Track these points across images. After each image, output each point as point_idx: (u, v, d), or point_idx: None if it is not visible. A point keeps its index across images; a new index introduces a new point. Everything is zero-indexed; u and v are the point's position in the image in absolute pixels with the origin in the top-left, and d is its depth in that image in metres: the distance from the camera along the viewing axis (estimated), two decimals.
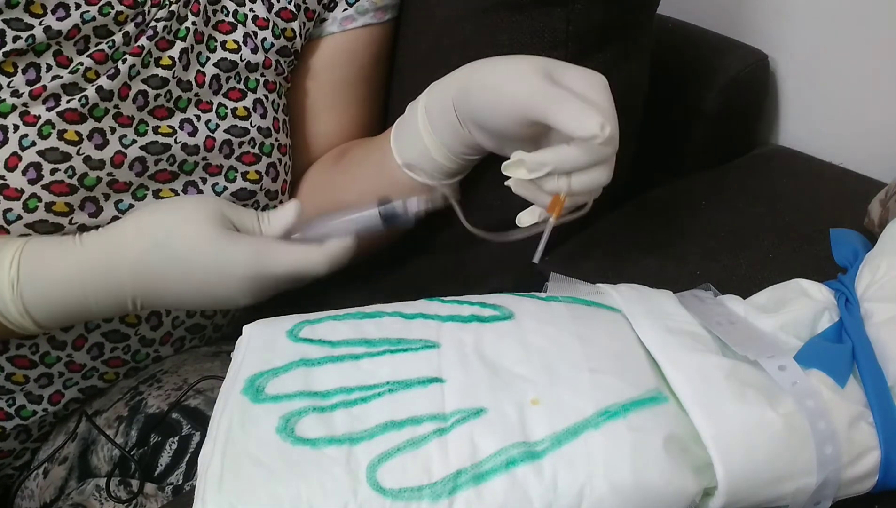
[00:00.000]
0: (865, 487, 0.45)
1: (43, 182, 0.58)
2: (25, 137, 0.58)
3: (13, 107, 0.58)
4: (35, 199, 0.58)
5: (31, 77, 0.58)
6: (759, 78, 0.88)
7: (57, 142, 0.58)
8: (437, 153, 0.62)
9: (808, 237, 0.68)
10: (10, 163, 0.57)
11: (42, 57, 0.59)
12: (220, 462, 0.41)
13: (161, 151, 0.63)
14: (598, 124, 0.50)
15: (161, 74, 0.63)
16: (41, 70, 0.59)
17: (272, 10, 0.68)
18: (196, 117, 0.65)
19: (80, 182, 0.60)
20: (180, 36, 0.64)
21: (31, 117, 0.58)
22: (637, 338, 0.49)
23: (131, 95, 0.62)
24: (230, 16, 0.67)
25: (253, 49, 0.68)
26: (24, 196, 0.58)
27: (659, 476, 0.41)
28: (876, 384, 0.46)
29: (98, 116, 0.60)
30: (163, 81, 0.64)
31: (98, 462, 0.62)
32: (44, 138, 0.58)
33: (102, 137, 0.61)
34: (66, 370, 0.66)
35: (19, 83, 0.58)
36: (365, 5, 0.72)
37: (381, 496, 0.40)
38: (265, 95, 0.69)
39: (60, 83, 0.59)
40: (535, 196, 0.56)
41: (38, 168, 0.58)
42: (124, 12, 0.62)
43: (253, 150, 0.67)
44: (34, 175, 0.58)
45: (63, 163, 0.59)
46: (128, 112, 0.62)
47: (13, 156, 0.57)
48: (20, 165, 0.58)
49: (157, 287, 0.57)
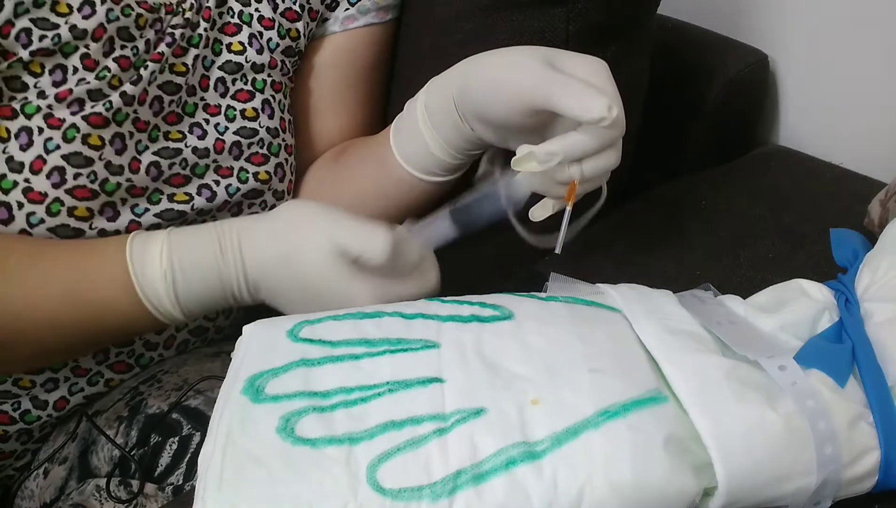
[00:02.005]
0: (865, 487, 0.45)
1: (66, 186, 0.58)
2: (50, 141, 0.57)
3: (38, 109, 0.57)
4: (58, 203, 0.58)
5: (57, 78, 0.58)
6: (759, 78, 0.88)
7: (81, 147, 0.58)
8: (437, 149, 0.62)
9: (808, 237, 0.68)
10: (35, 166, 0.57)
11: (70, 59, 0.58)
12: (220, 463, 0.41)
13: (173, 155, 0.64)
14: (605, 106, 0.50)
15: (175, 81, 0.64)
16: (67, 72, 0.58)
17: (277, 10, 0.68)
18: (205, 121, 0.65)
19: (101, 187, 0.60)
20: (193, 43, 0.64)
21: (56, 120, 0.58)
22: (637, 338, 0.49)
23: (148, 101, 0.62)
24: (235, 17, 0.67)
25: (258, 50, 0.68)
26: (48, 200, 0.58)
27: (659, 476, 0.41)
28: (876, 384, 0.46)
29: (120, 121, 0.60)
30: (176, 87, 0.64)
31: (98, 463, 0.62)
32: (68, 142, 0.58)
33: (122, 142, 0.61)
34: (72, 374, 0.66)
35: (46, 84, 0.58)
36: (367, 5, 0.72)
37: (381, 496, 0.40)
38: (272, 96, 0.69)
39: (86, 88, 0.58)
40: (547, 188, 0.56)
41: (62, 172, 0.58)
42: (144, 16, 0.61)
43: (262, 150, 0.67)
44: (58, 179, 0.58)
45: (86, 168, 0.59)
46: (145, 117, 0.62)
47: (38, 159, 0.57)
48: (45, 168, 0.57)
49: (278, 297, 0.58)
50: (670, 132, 0.88)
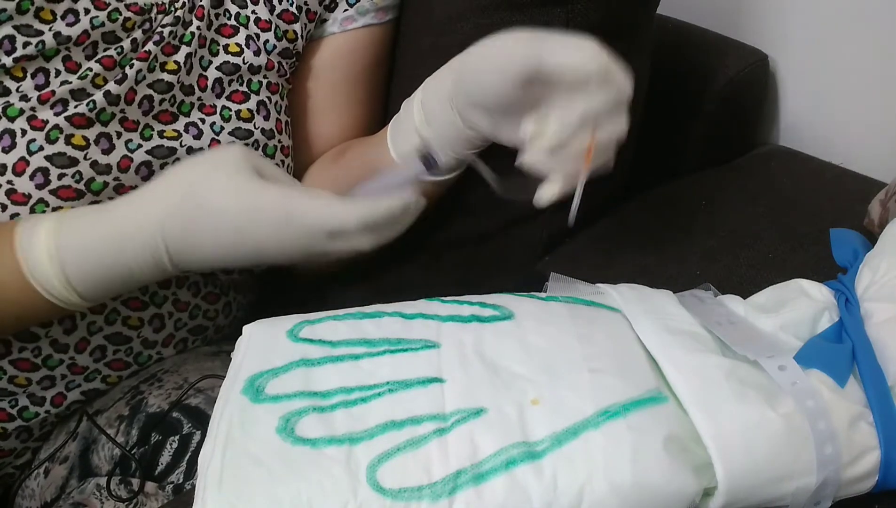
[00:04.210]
0: (865, 487, 0.45)
1: (50, 187, 0.58)
2: (33, 142, 0.57)
3: (21, 111, 0.57)
4: (42, 204, 0.58)
5: (39, 82, 0.58)
6: (759, 78, 0.88)
7: (64, 147, 0.58)
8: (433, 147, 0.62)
9: (808, 237, 0.68)
10: (18, 168, 0.57)
11: (51, 62, 0.59)
12: (220, 462, 0.41)
13: (167, 154, 0.63)
14: (596, 50, 0.50)
15: (166, 79, 0.63)
16: (50, 75, 0.59)
17: (274, 11, 0.68)
18: (200, 121, 0.65)
19: (87, 187, 0.60)
20: (185, 41, 0.64)
21: (39, 122, 0.58)
22: (637, 338, 0.49)
23: (137, 100, 0.62)
24: (232, 19, 0.67)
25: (255, 52, 0.68)
26: (32, 201, 0.58)
27: (659, 476, 0.41)
28: (876, 384, 0.46)
29: (105, 121, 0.60)
30: (168, 86, 0.64)
31: (99, 462, 0.62)
32: (51, 143, 0.58)
33: (109, 141, 0.60)
34: (69, 372, 0.66)
35: (28, 88, 0.58)
36: (366, 6, 0.72)
37: (381, 496, 0.40)
38: (268, 97, 0.69)
39: (69, 88, 0.59)
40: (555, 165, 0.55)
41: (45, 173, 0.58)
42: (132, 18, 0.61)
43: (257, 152, 0.67)
44: (41, 180, 0.58)
45: (70, 168, 0.59)
46: (133, 117, 0.62)
47: (21, 161, 0.57)
48: (28, 169, 0.57)
49: (190, 241, 0.55)
50: (670, 132, 0.88)
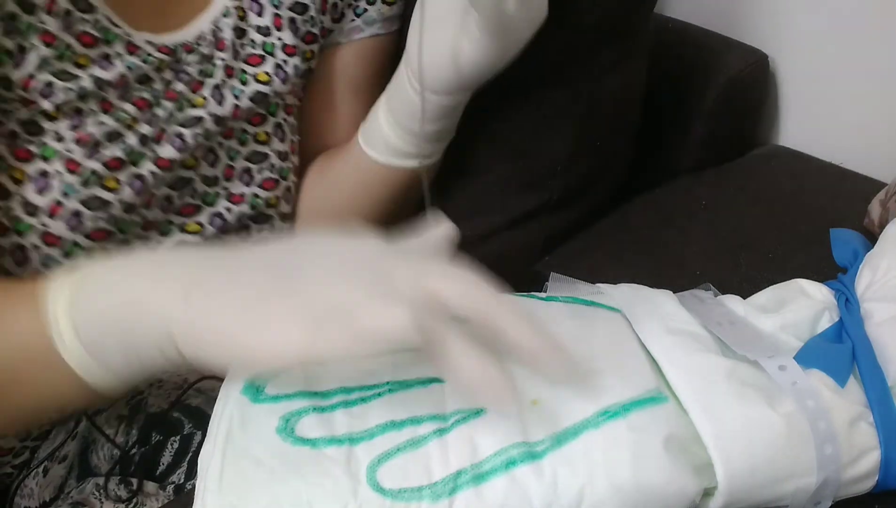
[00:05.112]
0: (865, 487, 0.45)
1: (83, 230, 0.57)
2: (69, 186, 0.56)
3: (56, 152, 0.56)
4: (75, 246, 0.57)
5: (75, 123, 0.57)
6: (759, 78, 0.88)
7: (99, 191, 0.57)
8: (388, 129, 0.65)
9: (808, 237, 0.68)
10: (53, 211, 0.56)
11: (87, 102, 0.57)
12: (219, 463, 0.41)
13: (183, 185, 0.63)
14: None
15: (194, 114, 0.62)
16: (84, 115, 0.57)
17: (297, 33, 0.67)
18: (219, 144, 0.64)
19: (116, 227, 0.59)
20: (209, 74, 0.63)
21: (74, 165, 0.56)
22: (637, 338, 0.49)
23: (167, 139, 0.61)
24: (258, 48, 0.66)
25: (283, 79, 0.67)
26: (65, 244, 0.57)
27: (659, 476, 0.41)
28: (876, 384, 0.46)
29: (136, 162, 0.59)
30: (196, 120, 0.62)
31: (98, 461, 0.62)
32: (86, 187, 0.57)
33: (141, 182, 0.59)
34: None
35: (63, 128, 0.56)
36: (372, 16, 0.71)
37: (381, 496, 0.40)
38: (284, 119, 0.68)
39: (105, 131, 0.57)
40: None
41: (78, 216, 0.57)
42: (164, 60, 0.60)
43: (272, 175, 0.67)
44: (75, 223, 0.57)
45: (103, 211, 0.58)
46: (166, 155, 0.61)
47: (56, 204, 0.56)
48: (62, 212, 0.56)
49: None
50: (670, 132, 0.88)
